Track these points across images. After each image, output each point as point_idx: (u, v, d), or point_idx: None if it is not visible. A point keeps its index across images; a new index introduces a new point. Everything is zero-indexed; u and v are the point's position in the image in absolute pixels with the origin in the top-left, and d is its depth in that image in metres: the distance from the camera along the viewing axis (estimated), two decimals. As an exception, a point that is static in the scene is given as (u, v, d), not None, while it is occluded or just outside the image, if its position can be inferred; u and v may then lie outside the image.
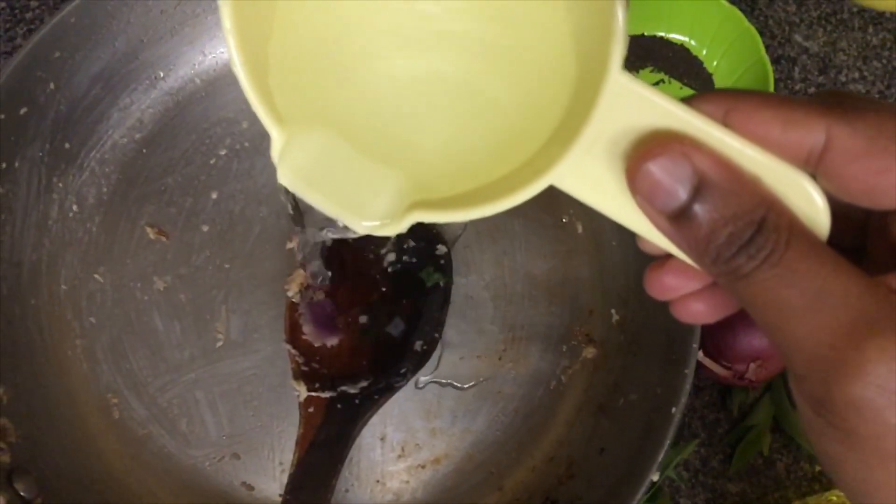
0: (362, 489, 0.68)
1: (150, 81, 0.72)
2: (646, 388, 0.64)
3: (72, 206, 0.70)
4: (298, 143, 0.36)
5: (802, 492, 0.73)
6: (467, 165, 0.39)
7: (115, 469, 0.67)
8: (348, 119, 0.38)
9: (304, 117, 0.37)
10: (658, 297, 0.41)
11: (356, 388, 0.65)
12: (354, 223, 0.36)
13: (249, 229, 0.71)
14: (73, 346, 0.69)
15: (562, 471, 0.66)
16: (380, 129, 0.39)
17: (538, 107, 0.38)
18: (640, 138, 0.35)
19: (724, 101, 0.35)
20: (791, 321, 0.32)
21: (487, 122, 0.39)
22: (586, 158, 0.35)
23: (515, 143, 0.38)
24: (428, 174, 0.38)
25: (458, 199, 0.37)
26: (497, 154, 0.38)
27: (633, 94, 0.34)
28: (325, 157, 0.36)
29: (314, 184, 0.36)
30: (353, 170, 0.37)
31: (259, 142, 0.73)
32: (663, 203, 0.33)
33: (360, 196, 0.36)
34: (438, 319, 0.68)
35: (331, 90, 0.39)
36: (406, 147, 0.39)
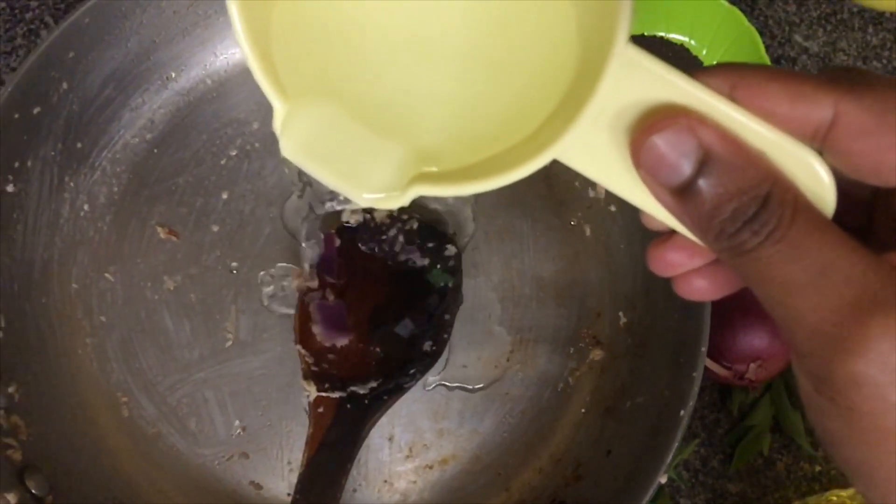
0: (370, 489, 0.68)
1: (161, 82, 0.72)
2: (653, 390, 0.65)
3: (83, 205, 0.70)
4: (301, 115, 0.36)
5: (802, 492, 0.73)
6: (470, 139, 0.39)
7: (124, 467, 0.67)
8: (351, 91, 0.38)
9: (307, 89, 0.37)
10: (661, 273, 0.41)
11: (365, 388, 0.66)
12: (356, 195, 0.36)
13: (259, 229, 0.71)
14: (83, 344, 0.69)
15: (569, 472, 0.67)
16: (383, 102, 0.39)
17: (541, 80, 0.37)
18: (645, 112, 0.35)
19: (731, 75, 0.35)
20: (794, 297, 0.32)
21: (490, 96, 0.38)
22: (591, 132, 0.35)
23: (518, 116, 0.38)
24: (431, 147, 0.38)
25: (461, 172, 0.37)
26: (500, 128, 0.38)
27: (639, 67, 0.34)
28: (327, 130, 0.36)
29: (316, 156, 0.36)
30: (355, 142, 0.37)
31: (270, 143, 0.73)
32: (667, 177, 0.33)
33: (361, 168, 0.36)
34: (447, 320, 0.69)
35: (334, 62, 0.38)
36: (409, 120, 0.39)
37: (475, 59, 0.38)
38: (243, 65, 0.74)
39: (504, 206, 0.72)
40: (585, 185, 0.72)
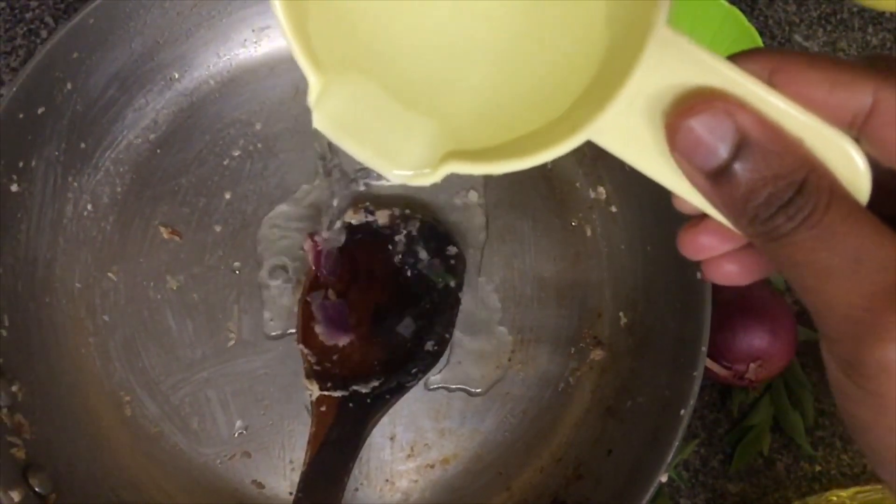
0: (372, 488, 0.68)
1: (165, 82, 0.72)
2: (654, 390, 0.65)
3: (86, 205, 0.70)
4: (335, 90, 0.35)
5: (802, 492, 0.73)
6: (501, 117, 0.38)
7: (127, 466, 0.67)
8: (385, 68, 0.38)
9: (342, 64, 0.37)
10: (691, 256, 0.41)
11: (368, 387, 0.66)
12: (387, 171, 0.36)
13: (262, 230, 0.72)
14: (86, 343, 0.69)
15: (570, 472, 0.67)
16: (416, 79, 0.39)
17: (571, 60, 0.37)
18: (682, 95, 0.34)
19: (771, 60, 0.35)
20: (827, 283, 0.32)
21: (521, 75, 0.38)
22: (626, 113, 0.35)
23: (549, 96, 0.37)
24: (463, 125, 0.38)
25: (493, 150, 0.37)
26: (531, 107, 0.38)
27: (678, 49, 0.34)
28: (360, 105, 0.36)
29: (348, 130, 0.36)
30: (388, 118, 0.37)
31: (272, 143, 0.73)
32: (703, 160, 0.33)
33: (394, 144, 0.36)
34: (449, 320, 0.69)
35: (369, 39, 0.38)
36: (441, 97, 0.39)
37: (506, 38, 0.38)
38: (246, 66, 0.74)
39: (505, 207, 0.73)
40: (586, 185, 0.72)
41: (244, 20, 0.73)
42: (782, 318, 0.68)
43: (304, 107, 0.70)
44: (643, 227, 0.69)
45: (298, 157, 0.73)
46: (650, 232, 0.68)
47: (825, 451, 0.74)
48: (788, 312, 0.69)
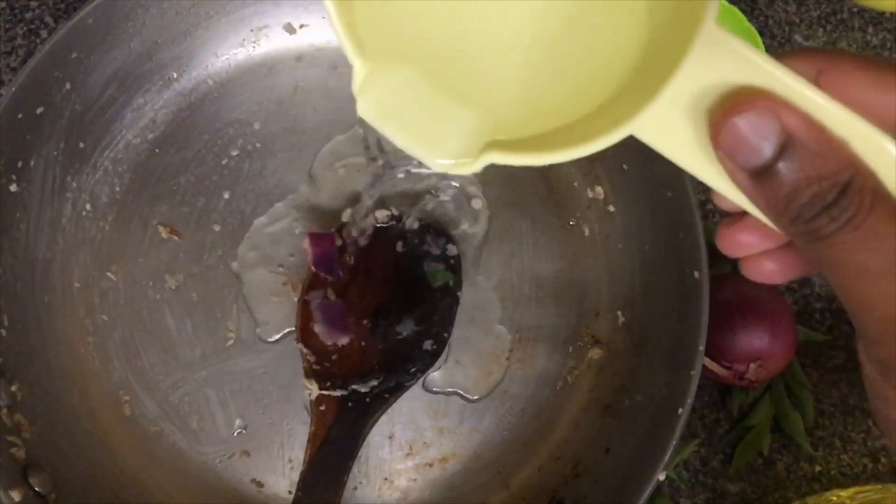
0: (371, 487, 0.68)
1: (163, 82, 0.73)
2: (652, 389, 0.65)
3: (85, 204, 0.70)
4: (378, 77, 0.36)
5: (802, 492, 0.73)
6: (541, 107, 0.38)
7: (126, 465, 0.68)
8: (428, 56, 0.38)
9: (386, 52, 0.37)
10: (730, 253, 0.41)
11: (367, 386, 0.66)
12: (429, 160, 0.37)
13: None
14: (85, 343, 0.69)
15: (568, 470, 0.67)
16: (458, 68, 0.39)
17: (613, 50, 0.37)
18: (727, 93, 0.34)
19: (818, 60, 0.35)
20: (867, 284, 0.32)
21: (562, 65, 0.38)
22: (669, 109, 0.35)
23: (587, 89, 0.38)
24: (503, 115, 0.38)
25: (533, 141, 0.37)
26: (571, 97, 0.38)
27: (725, 47, 0.34)
28: (403, 93, 0.37)
29: (391, 118, 0.36)
30: (430, 107, 0.37)
31: (271, 143, 0.73)
32: (747, 159, 0.33)
33: (435, 133, 0.37)
34: (447, 319, 0.69)
35: (413, 26, 0.39)
36: (482, 86, 0.39)
37: (547, 30, 0.38)
38: (245, 65, 0.74)
39: (504, 206, 0.73)
40: (584, 185, 0.72)
41: (243, 20, 0.73)
42: (782, 318, 0.68)
43: (302, 106, 0.71)
44: (641, 226, 0.69)
45: (297, 156, 0.73)
46: (648, 231, 0.68)
47: (825, 451, 0.74)
48: (788, 312, 0.69)
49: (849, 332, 0.76)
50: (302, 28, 0.74)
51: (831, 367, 0.76)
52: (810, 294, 0.77)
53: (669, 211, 0.65)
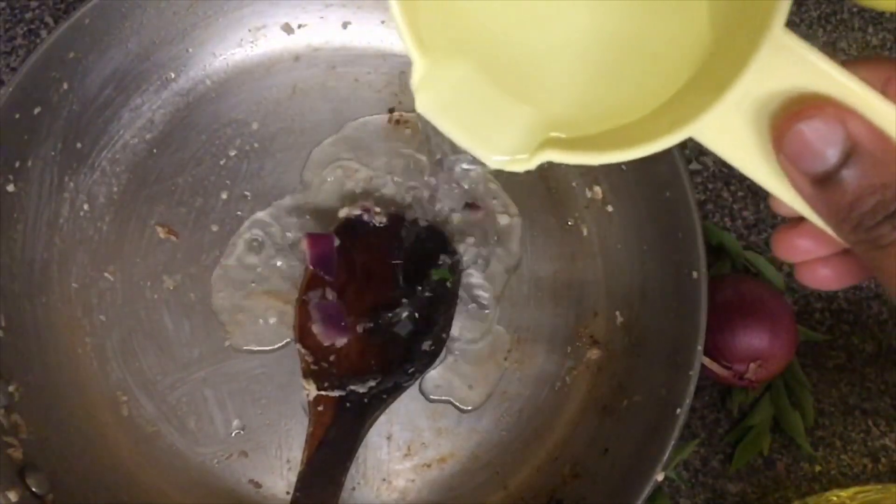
0: (368, 487, 0.68)
1: (161, 82, 0.73)
2: (650, 389, 0.65)
3: (83, 205, 0.70)
4: (437, 73, 0.36)
5: (802, 492, 0.73)
6: (599, 106, 0.39)
7: (124, 465, 0.67)
8: (487, 54, 0.39)
9: (445, 47, 0.37)
10: (785, 258, 0.41)
11: (365, 387, 0.66)
12: (485, 157, 0.37)
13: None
14: (83, 343, 0.69)
15: (566, 470, 0.67)
16: (516, 66, 0.39)
17: (673, 52, 0.37)
18: (791, 98, 0.34)
19: (886, 69, 0.35)
20: None
21: (620, 65, 0.39)
22: (732, 113, 0.35)
23: (646, 90, 0.38)
24: (559, 115, 0.38)
25: (590, 140, 0.37)
26: (627, 99, 0.38)
27: (792, 52, 0.34)
28: (462, 89, 0.37)
29: (449, 114, 0.37)
30: (487, 104, 0.38)
31: (269, 143, 0.73)
32: (810, 165, 0.33)
33: (492, 130, 0.37)
34: (445, 320, 0.69)
35: (472, 22, 0.39)
36: (540, 86, 0.39)
37: (606, 30, 0.38)
38: (243, 65, 0.74)
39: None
40: (583, 185, 0.72)
41: (240, 20, 0.73)
42: (782, 318, 0.68)
43: (300, 107, 0.71)
44: (639, 226, 0.69)
45: (295, 157, 0.73)
46: (646, 231, 0.68)
47: (825, 451, 0.74)
48: (788, 312, 0.69)
49: (849, 332, 0.76)
50: (300, 28, 0.74)
51: (831, 367, 0.76)
52: (810, 294, 0.77)
53: (668, 211, 0.65)
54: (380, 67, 0.75)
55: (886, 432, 0.74)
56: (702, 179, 0.79)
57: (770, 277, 0.75)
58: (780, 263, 0.77)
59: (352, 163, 0.73)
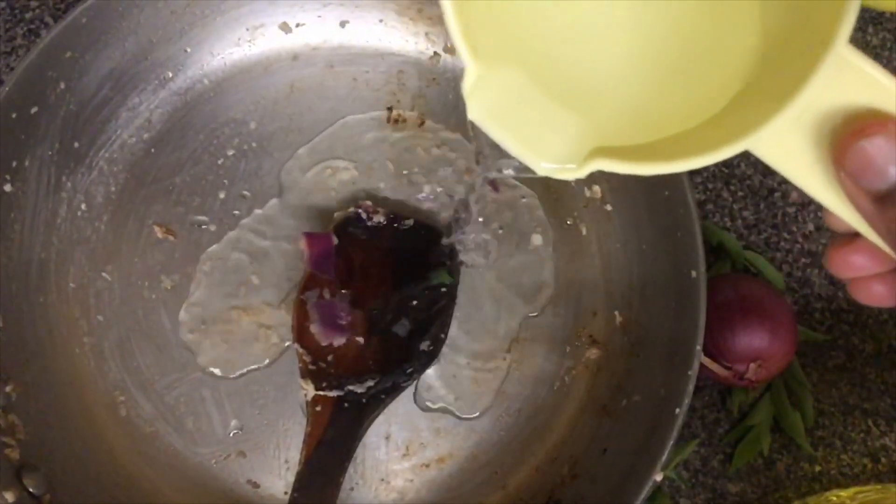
0: (367, 488, 0.68)
1: (158, 82, 0.72)
2: (649, 389, 0.65)
3: (80, 204, 0.70)
4: (489, 79, 0.36)
5: (802, 492, 0.73)
6: (649, 116, 0.39)
7: (122, 466, 0.67)
8: (538, 62, 0.39)
9: (497, 52, 0.37)
10: (839, 274, 0.41)
11: (363, 387, 0.66)
12: (534, 164, 0.37)
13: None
14: (80, 343, 0.69)
15: (565, 471, 0.67)
16: (567, 75, 0.39)
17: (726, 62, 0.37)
18: (853, 114, 0.34)
19: None
20: None
21: (671, 76, 0.39)
22: (789, 127, 0.35)
23: (696, 100, 0.38)
24: (609, 123, 0.38)
25: (641, 150, 0.37)
26: (678, 109, 0.38)
27: (855, 68, 0.33)
28: (512, 96, 0.37)
29: (500, 120, 0.37)
30: (538, 111, 0.38)
31: (267, 142, 0.73)
32: (871, 182, 0.33)
33: (542, 137, 0.37)
34: (444, 320, 0.69)
35: (525, 32, 0.39)
36: (590, 94, 0.39)
37: (656, 41, 0.39)
38: (240, 64, 0.74)
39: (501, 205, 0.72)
40: (581, 184, 0.72)
41: (238, 19, 0.73)
42: (782, 318, 0.68)
43: (298, 106, 0.71)
44: (638, 225, 0.69)
45: (293, 156, 0.73)
46: (645, 231, 0.68)
47: (825, 451, 0.74)
48: (788, 312, 0.69)
49: (849, 332, 0.76)
50: (298, 27, 0.74)
51: (831, 367, 0.75)
52: (810, 294, 0.77)
53: (667, 210, 0.64)
54: (378, 66, 0.75)
55: (886, 432, 0.74)
56: (702, 179, 0.78)
57: (770, 277, 0.75)
58: (779, 263, 0.77)
59: (343, 161, 0.73)
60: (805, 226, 0.78)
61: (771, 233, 0.78)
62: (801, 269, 0.77)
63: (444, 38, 0.74)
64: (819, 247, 0.77)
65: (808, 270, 0.77)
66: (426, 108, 0.74)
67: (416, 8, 0.73)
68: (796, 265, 0.77)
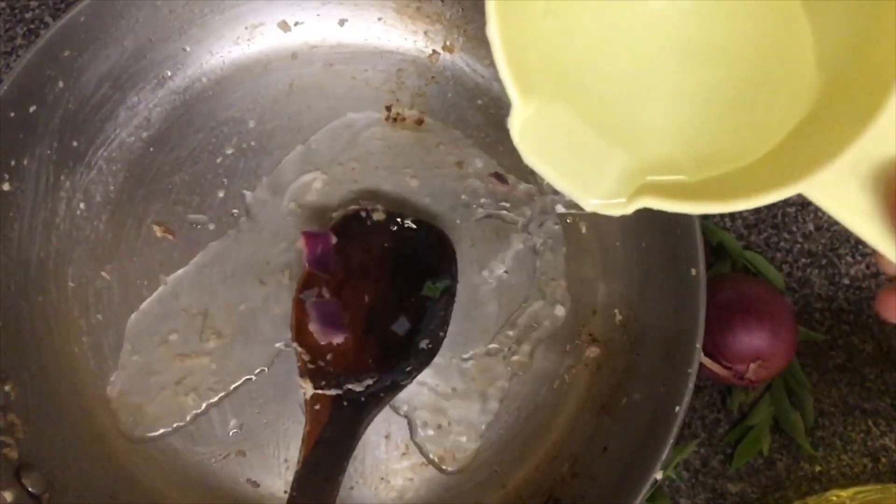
0: (367, 487, 0.68)
1: (157, 80, 0.72)
2: (649, 387, 0.65)
3: (79, 204, 0.70)
4: (538, 117, 0.36)
5: (802, 492, 0.73)
6: (699, 154, 0.39)
7: (121, 465, 0.67)
8: (587, 97, 0.39)
9: (545, 90, 0.37)
10: (891, 319, 0.40)
11: (362, 386, 0.66)
12: (583, 200, 0.37)
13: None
14: (79, 342, 0.69)
15: (565, 469, 0.67)
16: (617, 111, 0.39)
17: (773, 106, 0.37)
18: None
19: None
20: None
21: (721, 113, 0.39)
22: (845, 174, 0.34)
23: (747, 139, 0.38)
24: (657, 161, 0.38)
25: (690, 188, 0.38)
26: (727, 148, 0.38)
27: None
28: (560, 132, 0.37)
29: (548, 158, 0.37)
30: (585, 147, 0.38)
31: (266, 141, 0.73)
32: None
33: (590, 174, 0.37)
34: (443, 318, 0.68)
35: (573, 68, 0.39)
36: (638, 131, 0.39)
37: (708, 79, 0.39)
38: (239, 63, 0.74)
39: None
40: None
41: (237, 18, 0.73)
42: (782, 318, 0.68)
43: (297, 104, 0.71)
44: (638, 223, 0.69)
45: (292, 154, 0.73)
46: (645, 229, 0.68)
47: (825, 451, 0.74)
48: (788, 312, 0.69)
49: (849, 331, 0.76)
50: (297, 26, 0.74)
51: (831, 367, 0.75)
52: (810, 294, 0.77)
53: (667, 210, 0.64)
54: (377, 65, 0.75)
55: (886, 432, 0.74)
56: (701, 178, 0.78)
57: (770, 277, 0.75)
58: (779, 263, 0.77)
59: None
60: (805, 226, 0.78)
61: (771, 233, 0.78)
62: (801, 269, 0.77)
63: (442, 36, 0.74)
64: (819, 247, 0.77)
65: (808, 270, 0.77)
66: (425, 107, 0.74)
67: (414, 6, 0.73)
68: (796, 265, 0.77)
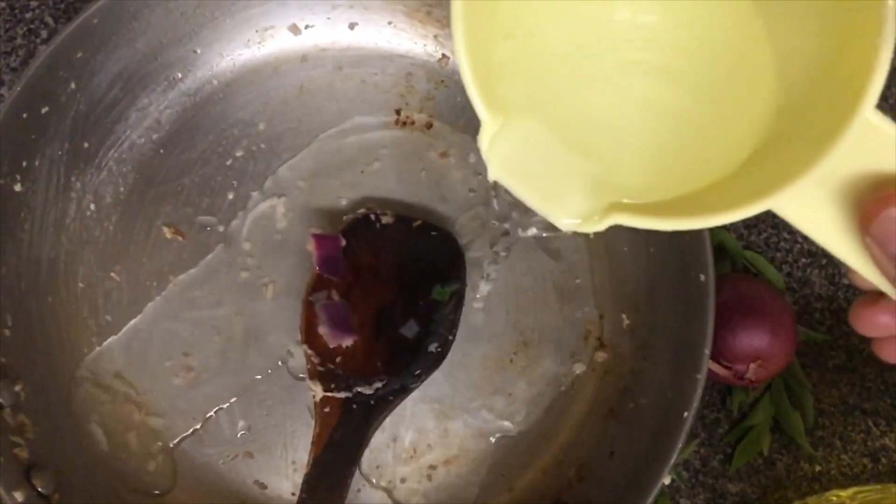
0: (374, 490, 0.68)
1: (168, 82, 0.72)
2: (656, 392, 0.65)
3: (89, 205, 0.70)
4: (507, 134, 0.36)
5: (802, 492, 0.73)
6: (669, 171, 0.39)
7: (129, 466, 0.67)
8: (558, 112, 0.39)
9: (515, 105, 0.38)
10: (865, 332, 0.41)
11: (371, 388, 0.66)
12: (555, 218, 0.38)
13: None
14: (89, 343, 0.69)
15: (572, 473, 0.67)
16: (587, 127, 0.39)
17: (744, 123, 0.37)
18: (881, 179, 0.34)
19: None
20: None
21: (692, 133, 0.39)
22: (813, 189, 0.35)
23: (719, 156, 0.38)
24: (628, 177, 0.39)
25: (662, 206, 0.38)
26: (699, 165, 0.38)
27: (879, 133, 0.33)
28: (532, 150, 0.37)
29: (520, 175, 0.37)
30: (556, 164, 0.38)
31: (275, 143, 0.73)
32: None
33: (561, 192, 0.38)
34: (452, 322, 0.69)
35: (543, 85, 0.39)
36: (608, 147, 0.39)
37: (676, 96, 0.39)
38: (250, 66, 0.74)
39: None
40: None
41: (248, 20, 0.72)
42: (782, 318, 0.69)
43: (307, 107, 0.71)
44: (645, 229, 0.69)
45: (301, 157, 0.73)
46: (653, 233, 0.68)
47: (825, 451, 0.74)
48: (788, 312, 0.69)
49: (849, 332, 0.77)
50: (307, 29, 0.74)
51: (831, 367, 0.76)
52: (810, 294, 0.77)
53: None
54: (387, 68, 0.75)
55: (886, 432, 0.74)
56: (704, 181, 0.79)
57: (770, 277, 0.75)
58: (779, 263, 0.77)
59: (357, 165, 0.73)
60: (805, 227, 0.78)
61: (771, 233, 0.78)
62: (801, 269, 0.78)
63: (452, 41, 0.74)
64: (819, 247, 0.77)
65: (808, 270, 0.78)
66: (435, 111, 0.74)
67: (424, 10, 0.73)
68: (796, 265, 0.78)
